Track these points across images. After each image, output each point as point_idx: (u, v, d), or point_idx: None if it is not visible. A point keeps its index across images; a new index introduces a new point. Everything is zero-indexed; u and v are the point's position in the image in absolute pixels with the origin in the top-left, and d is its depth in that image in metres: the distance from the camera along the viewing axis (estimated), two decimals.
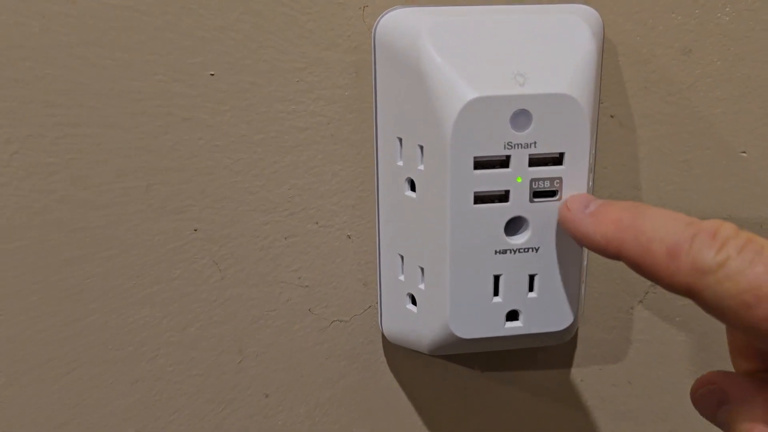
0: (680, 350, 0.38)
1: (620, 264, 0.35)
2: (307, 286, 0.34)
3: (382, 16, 0.30)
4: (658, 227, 0.22)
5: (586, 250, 0.32)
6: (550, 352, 0.37)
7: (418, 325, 0.31)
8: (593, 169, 0.33)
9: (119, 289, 0.33)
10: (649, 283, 0.36)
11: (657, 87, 0.34)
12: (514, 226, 0.29)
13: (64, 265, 0.32)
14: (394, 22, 0.29)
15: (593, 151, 0.31)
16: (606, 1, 0.32)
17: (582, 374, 0.38)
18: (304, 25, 0.30)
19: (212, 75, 0.30)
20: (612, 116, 0.34)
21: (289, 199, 0.33)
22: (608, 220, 0.24)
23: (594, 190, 0.34)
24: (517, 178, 0.28)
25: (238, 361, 0.35)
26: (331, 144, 0.32)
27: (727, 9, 0.33)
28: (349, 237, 0.33)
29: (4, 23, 0.29)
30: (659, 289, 0.37)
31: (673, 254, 0.22)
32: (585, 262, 0.33)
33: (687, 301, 0.37)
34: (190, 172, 0.32)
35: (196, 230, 0.32)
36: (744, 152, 0.35)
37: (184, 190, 0.32)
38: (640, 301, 0.37)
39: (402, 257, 0.31)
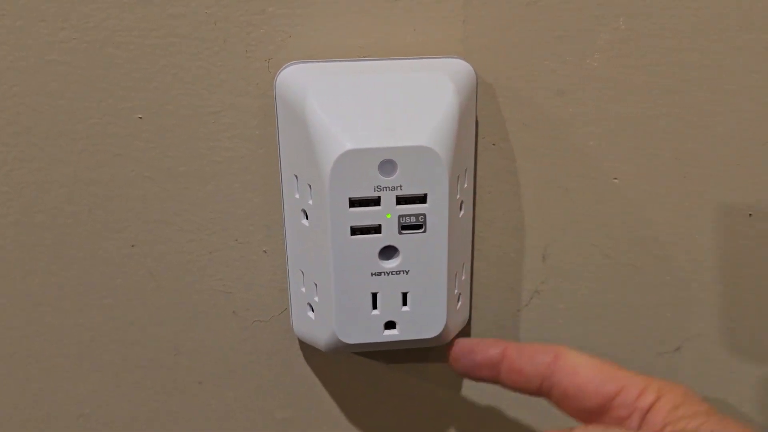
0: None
1: (507, 274, 0.41)
2: (230, 293, 0.40)
3: (281, 71, 0.35)
4: None
5: (461, 269, 0.37)
6: (445, 348, 0.42)
7: (316, 329, 0.37)
8: (474, 194, 0.39)
9: (70, 296, 0.39)
10: (533, 288, 0.42)
11: (536, 123, 0.38)
12: (387, 252, 0.34)
13: (21, 276, 0.38)
14: (289, 77, 0.34)
15: (466, 186, 0.36)
16: (482, 52, 0.36)
17: None
18: (218, 76, 0.35)
19: (140, 118, 0.36)
20: (494, 144, 0.38)
21: (212, 220, 0.38)
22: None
23: (476, 212, 0.39)
24: (387, 214, 0.33)
25: (174, 355, 0.41)
26: (245, 175, 0.37)
27: (596, 56, 0.37)
28: (264, 252, 0.39)
29: None
30: (542, 295, 0.42)
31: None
32: (464, 277, 0.38)
33: (567, 305, 0.42)
34: (126, 198, 0.37)
35: (133, 246, 0.38)
36: (616, 179, 0.40)
37: (121, 213, 0.37)
38: (526, 305, 0.42)
39: (302, 272, 0.36)
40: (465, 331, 0.42)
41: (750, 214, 0.40)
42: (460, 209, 0.35)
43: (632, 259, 0.41)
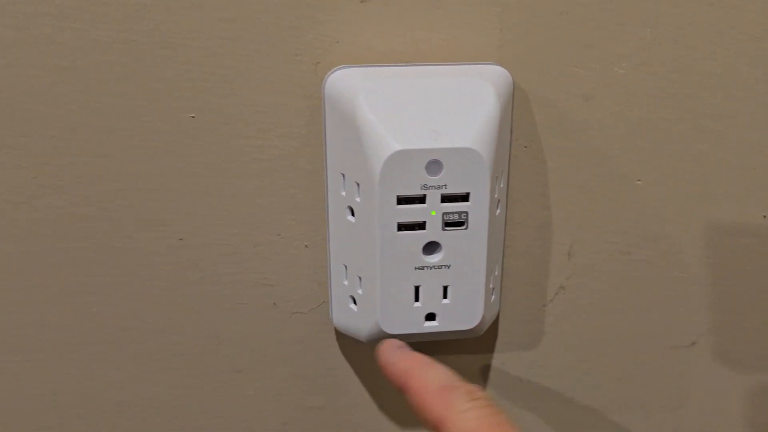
0: (586, 340, 0.45)
1: (534, 270, 0.43)
2: (271, 285, 0.41)
3: (330, 74, 0.36)
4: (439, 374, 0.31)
5: (495, 265, 0.39)
6: (474, 341, 0.44)
7: (358, 321, 0.38)
8: (507, 194, 0.41)
9: (117, 285, 0.40)
10: (558, 284, 0.44)
11: (563, 126, 0.40)
12: (430, 247, 0.36)
13: (71, 266, 0.39)
14: (339, 80, 0.36)
15: (502, 186, 0.38)
16: (517, 59, 0.38)
17: (502, 359, 0.45)
18: (267, 77, 0.37)
19: (192, 117, 0.37)
20: (525, 147, 0.41)
21: (256, 215, 0.40)
22: (407, 358, 0.33)
23: (508, 211, 0.41)
24: (432, 212, 0.35)
25: (214, 345, 0.42)
26: (290, 171, 0.39)
27: (623, 63, 0.39)
28: (306, 246, 0.41)
29: (17, 74, 0.35)
30: (567, 290, 0.44)
31: (443, 390, 0.30)
32: (497, 272, 0.40)
33: (589, 300, 0.44)
34: (175, 193, 0.39)
35: (181, 239, 0.40)
36: (639, 180, 0.42)
37: (170, 208, 0.39)
38: (551, 300, 0.44)
39: (346, 266, 0.38)
40: (494, 324, 0.44)
41: (765, 216, 0.43)
42: (497, 208, 0.37)
43: (650, 257, 0.44)
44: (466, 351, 0.45)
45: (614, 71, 0.39)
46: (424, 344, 0.44)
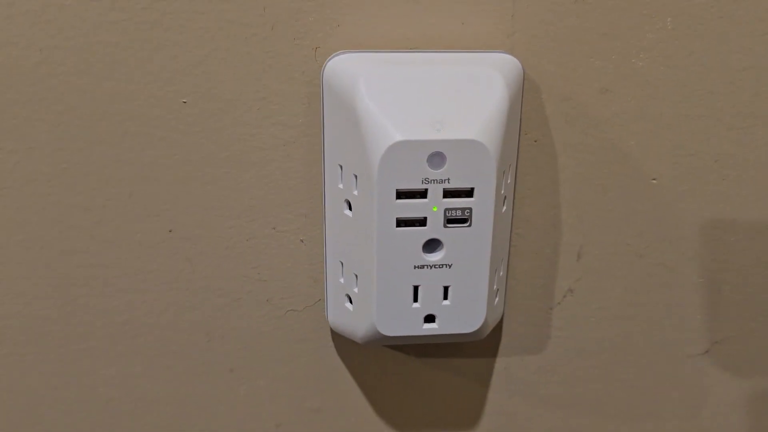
0: (595, 346, 0.43)
1: (541, 271, 0.41)
2: (265, 281, 0.40)
3: (330, 59, 0.34)
4: None
5: (500, 265, 0.37)
6: (477, 344, 0.42)
7: (354, 321, 0.37)
8: (514, 190, 0.38)
9: (105, 277, 0.39)
10: (567, 287, 0.42)
11: (577, 121, 0.38)
12: (431, 245, 0.34)
13: (58, 256, 0.38)
14: (338, 65, 0.34)
15: (509, 181, 0.36)
16: (529, 47, 0.36)
17: (506, 363, 0.43)
18: (265, 62, 0.35)
19: (185, 102, 0.36)
20: (535, 141, 0.38)
21: (251, 207, 0.38)
22: None
23: (514, 209, 0.39)
24: (433, 207, 0.33)
25: (206, 341, 0.41)
26: (287, 162, 0.37)
27: (641, 55, 0.37)
28: (301, 241, 0.39)
29: (11, 55, 0.34)
30: (576, 293, 0.42)
31: None
32: (502, 273, 0.38)
33: (599, 304, 0.42)
34: (166, 183, 0.37)
35: (170, 231, 0.38)
36: (654, 179, 0.40)
37: (161, 197, 0.37)
38: (559, 303, 0.42)
39: (342, 263, 0.36)
40: (498, 326, 0.42)
41: None
42: (503, 204, 0.35)
43: (665, 260, 0.41)
44: (467, 354, 0.43)
45: (632, 63, 0.37)
46: (424, 345, 0.42)
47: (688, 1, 0.36)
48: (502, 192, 0.35)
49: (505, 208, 0.36)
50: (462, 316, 0.35)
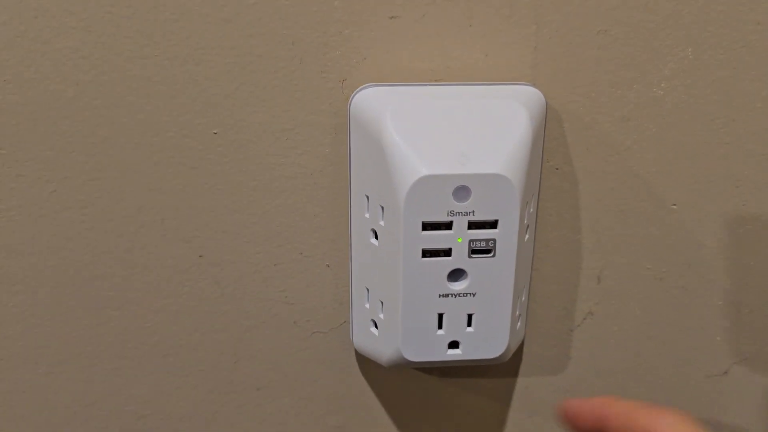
0: (614, 367, 0.44)
1: (562, 294, 0.41)
2: (292, 303, 0.41)
3: (357, 92, 0.35)
4: None
5: (522, 291, 0.38)
6: (499, 365, 0.43)
7: (379, 345, 0.37)
8: (536, 217, 0.39)
9: (137, 300, 0.40)
10: (587, 309, 0.42)
11: (598, 148, 0.39)
12: (455, 275, 0.35)
13: (92, 280, 0.39)
14: (365, 98, 0.35)
15: (531, 210, 0.37)
16: (551, 77, 0.37)
17: (527, 383, 0.44)
18: (293, 94, 0.36)
19: (215, 133, 0.37)
20: (557, 168, 0.39)
21: (278, 233, 0.39)
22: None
23: (536, 234, 0.40)
24: (458, 238, 0.34)
25: (234, 362, 0.42)
26: (313, 190, 0.38)
27: (663, 84, 0.38)
28: (328, 266, 0.40)
29: (46, 89, 0.35)
30: (596, 316, 0.43)
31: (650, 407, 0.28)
32: (524, 298, 0.39)
33: (619, 327, 0.43)
34: (197, 210, 0.38)
35: (201, 256, 0.39)
36: (674, 205, 0.40)
37: (191, 224, 0.38)
38: (579, 325, 0.43)
39: (368, 289, 0.37)
40: (519, 348, 0.43)
41: None
42: (526, 233, 0.36)
43: (685, 283, 0.42)
44: (489, 374, 0.43)
45: (653, 92, 0.38)
46: (447, 367, 0.43)
47: (708, 31, 0.37)
48: (525, 222, 0.35)
49: (528, 236, 0.37)
50: (485, 342, 0.36)
